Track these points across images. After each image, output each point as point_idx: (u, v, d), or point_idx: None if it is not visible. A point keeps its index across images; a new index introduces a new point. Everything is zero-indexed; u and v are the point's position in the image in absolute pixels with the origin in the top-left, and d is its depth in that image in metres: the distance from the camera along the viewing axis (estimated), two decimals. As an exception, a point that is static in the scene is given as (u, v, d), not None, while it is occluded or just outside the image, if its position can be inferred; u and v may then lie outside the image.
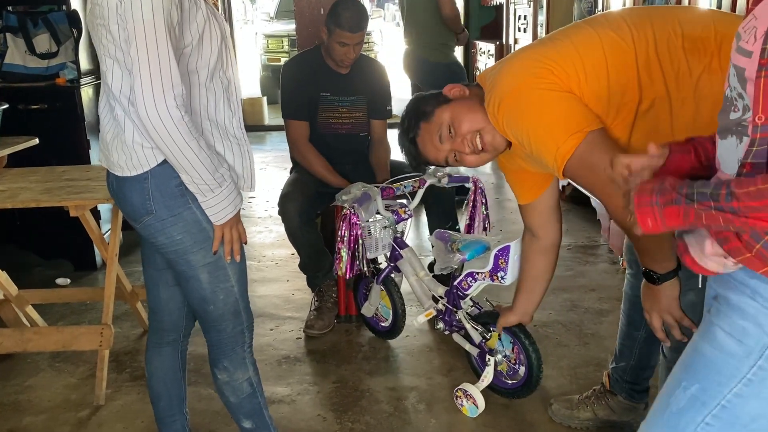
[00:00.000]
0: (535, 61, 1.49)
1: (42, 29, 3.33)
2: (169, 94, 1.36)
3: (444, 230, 2.33)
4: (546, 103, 1.44)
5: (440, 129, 1.63)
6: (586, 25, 1.57)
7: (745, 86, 0.98)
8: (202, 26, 1.45)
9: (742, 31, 1.02)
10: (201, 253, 1.56)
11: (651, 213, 1.00)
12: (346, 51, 2.70)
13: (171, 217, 1.51)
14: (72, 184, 2.37)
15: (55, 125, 3.27)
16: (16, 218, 3.38)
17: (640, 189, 1.03)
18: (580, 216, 4.06)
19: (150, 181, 1.50)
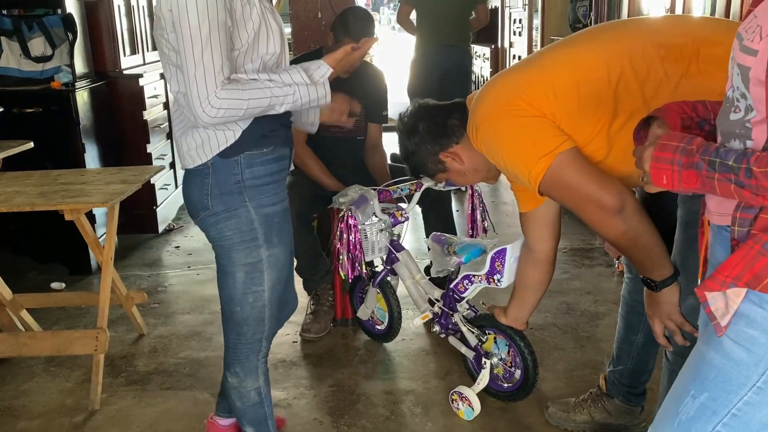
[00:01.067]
0: (508, 88, 1.61)
1: (37, 33, 3.33)
2: (212, 94, 1.41)
3: (440, 233, 2.33)
4: (517, 129, 1.54)
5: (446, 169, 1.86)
6: (561, 47, 1.66)
7: (748, 85, 0.98)
8: (258, 25, 1.48)
9: (743, 31, 1.02)
10: (245, 252, 1.59)
11: (669, 171, 1.00)
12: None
13: (225, 213, 1.56)
14: (67, 188, 2.37)
15: (50, 129, 3.26)
16: (11, 222, 3.36)
17: (664, 144, 1.02)
18: (576, 219, 4.04)
19: (211, 177, 1.55)
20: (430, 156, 1.83)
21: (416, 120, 1.84)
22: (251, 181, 1.55)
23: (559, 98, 1.50)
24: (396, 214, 2.38)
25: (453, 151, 1.81)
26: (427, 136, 1.82)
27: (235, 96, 1.43)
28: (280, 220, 1.62)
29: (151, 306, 3.06)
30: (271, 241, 1.60)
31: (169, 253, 3.77)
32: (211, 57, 1.39)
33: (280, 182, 1.62)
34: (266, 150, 1.56)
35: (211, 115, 1.42)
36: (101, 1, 3.64)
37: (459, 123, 1.79)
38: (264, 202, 1.58)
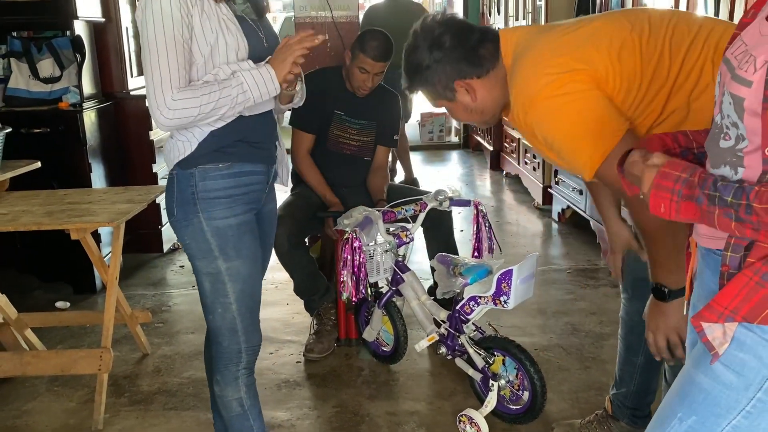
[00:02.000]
0: (562, 56, 1.44)
1: (46, 54, 3.36)
2: (168, 99, 1.50)
3: (446, 254, 2.33)
4: (576, 109, 1.41)
5: (461, 98, 1.60)
6: (610, 17, 1.55)
7: (742, 116, 0.97)
8: (214, 39, 1.55)
9: (732, 57, 1.01)
10: (204, 261, 1.66)
11: (668, 200, 0.99)
12: (365, 78, 2.75)
13: (184, 221, 1.65)
14: (73, 207, 2.38)
15: (57, 148, 3.28)
16: (17, 241, 3.38)
17: (666, 172, 1.01)
18: (580, 239, 4.06)
19: (175, 185, 1.64)
20: (444, 79, 1.57)
21: (444, 32, 1.56)
22: (204, 193, 1.62)
23: (621, 82, 1.43)
24: (401, 235, 2.38)
25: (470, 83, 1.57)
26: (452, 56, 1.55)
27: (187, 96, 1.52)
28: (236, 233, 1.65)
29: (155, 325, 3.06)
30: (227, 253, 1.64)
31: (173, 273, 3.78)
32: (167, 65, 1.50)
33: (237, 197, 1.65)
34: (221, 165, 1.62)
35: (168, 118, 1.52)
36: (109, 24, 3.68)
37: (489, 56, 1.56)
38: (216, 215, 1.63)
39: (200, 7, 1.53)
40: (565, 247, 4.03)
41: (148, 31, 1.51)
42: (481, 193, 5.54)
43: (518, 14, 5.19)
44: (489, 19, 6.47)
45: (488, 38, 1.58)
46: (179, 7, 1.49)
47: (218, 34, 1.54)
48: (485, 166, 6.28)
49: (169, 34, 1.49)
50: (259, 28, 1.67)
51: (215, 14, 1.55)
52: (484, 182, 5.87)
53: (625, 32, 1.46)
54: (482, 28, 1.62)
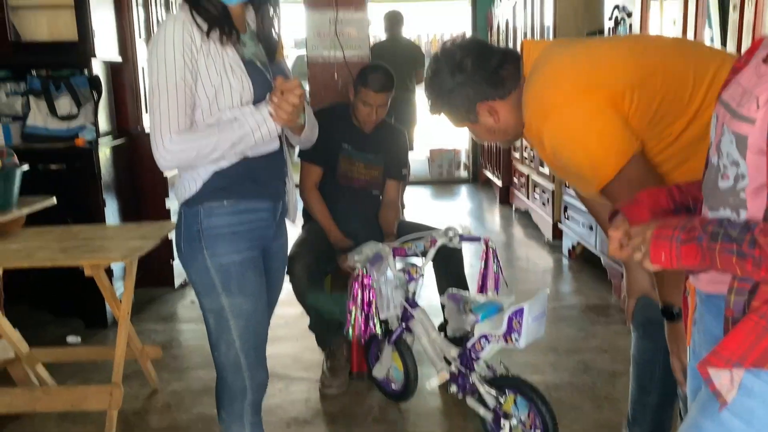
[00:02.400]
0: (582, 74, 1.45)
1: (64, 92, 3.44)
2: (167, 140, 1.54)
3: (456, 291, 2.33)
4: (593, 124, 1.42)
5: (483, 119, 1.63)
6: (642, 42, 1.57)
7: (745, 153, 0.98)
8: (219, 82, 1.58)
9: (729, 99, 1.02)
10: (208, 298, 1.68)
11: (668, 247, 0.98)
12: (369, 112, 2.81)
13: (190, 257, 1.68)
14: (87, 243, 2.41)
15: (72, 184, 3.33)
16: (30, 276, 3.40)
17: (664, 223, 1.01)
18: (591, 275, 4.05)
19: (182, 222, 1.68)
20: (467, 101, 1.59)
21: (465, 55, 1.58)
22: (208, 230, 1.65)
23: (637, 106, 1.43)
24: (411, 271, 2.39)
25: (493, 105, 1.58)
26: (473, 79, 1.57)
27: (186, 138, 1.55)
28: (239, 270, 1.66)
29: (166, 361, 3.06)
30: (230, 290, 1.66)
31: (184, 308, 3.79)
32: (167, 106, 1.54)
33: (241, 234, 1.67)
34: (226, 203, 1.65)
35: (166, 159, 1.56)
36: (126, 63, 3.77)
37: (510, 76, 1.57)
38: (219, 251, 1.65)
39: (206, 51, 1.56)
40: (576, 283, 4.01)
41: (152, 75, 1.56)
42: (491, 228, 5.54)
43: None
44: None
45: (509, 60, 1.59)
46: (183, 52, 1.53)
47: (222, 77, 1.57)
48: (494, 201, 6.30)
49: (171, 79, 1.53)
50: (268, 70, 1.69)
51: (221, 57, 1.58)
52: (494, 217, 5.89)
53: (648, 54, 1.47)
54: (503, 50, 1.63)
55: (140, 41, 3.84)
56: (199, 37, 1.56)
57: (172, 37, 1.54)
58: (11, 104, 3.49)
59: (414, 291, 2.44)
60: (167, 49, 1.53)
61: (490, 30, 6.89)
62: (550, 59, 1.52)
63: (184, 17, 1.57)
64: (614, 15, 3.70)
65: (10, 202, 2.56)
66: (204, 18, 1.58)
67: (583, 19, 4.37)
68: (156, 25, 4.05)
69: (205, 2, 1.59)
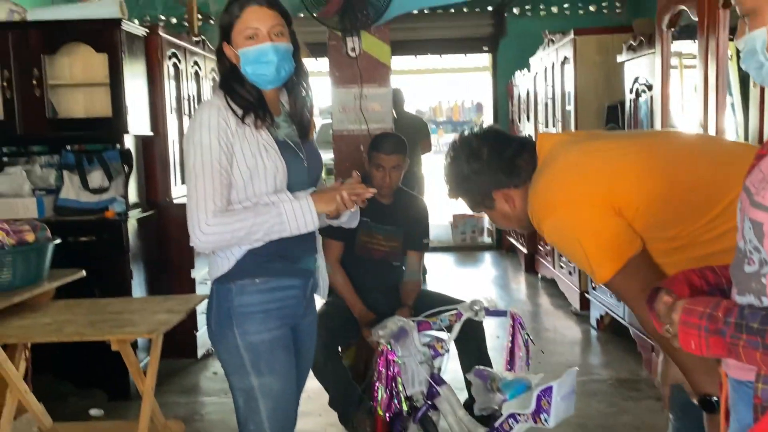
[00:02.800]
0: (590, 179, 1.48)
1: (96, 166, 3.54)
2: (203, 222, 1.57)
3: (482, 368, 2.29)
4: (592, 225, 1.45)
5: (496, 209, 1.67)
6: (648, 143, 1.58)
7: (762, 240, 0.99)
8: (254, 164, 1.62)
9: (750, 185, 1.05)
10: (237, 377, 1.67)
11: (696, 336, 1.00)
12: (383, 175, 2.85)
13: (220, 335, 1.68)
14: (115, 317, 2.43)
15: (101, 256, 3.38)
16: (56, 347, 3.41)
17: (689, 308, 1.02)
18: (621, 347, 3.95)
19: (214, 300, 1.69)
20: (483, 189, 1.64)
21: (482, 144, 1.64)
22: (240, 308, 1.65)
23: (643, 213, 1.45)
24: (436, 346, 2.35)
25: (509, 193, 1.63)
26: (489, 167, 1.62)
27: (222, 222, 1.57)
28: (268, 349, 1.66)
29: (187, 436, 3.02)
30: (259, 369, 1.65)
31: (207, 379, 3.76)
32: (204, 189, 1.58)
33: (272, 312, 1.67)
34: (258, 281, 1.66)
35: (201, 241, 1.59)
36: (157, 136, 3.88)
37: (526, 165, 1.62)
38: (250, 330, 1.65)
39: (241, 134, 1.62)
40: (605, 355, 3.92)
41: (189, 159, 1.61)
42: (517, 297, 5.48)
43: (548, 121, 5.33)
44: (519, 125, 6.64)
45: (526, 149, 1.65)
46: (218, 137, 1.59)
47: (257, 158, 1.62)
48: (520, 269, 6.25)
49: (207, 163, 1.58)
50: (300, 149, 1.74)
51: (255, 140, 1.63)
52: (519, 286, 5.82)
53: (662, 160, 1.49)
54: (520, 139, 1.69)
55: (171, 116, 3.97)
56: (234, 121, 1.62)
57: (208, 123, 1.60)
58: (45, 177, 3.61)
59: (439, 366, 2.40)
60: (203, 134, 1.59)
61: (511, 99, 7.00)
62: (559, 157, 1.55)
63: (219, 103, 1.63)
64: (635, 87, 3.76)
65: (42, 276, 2.60)
66: (238, 104, 1.64)
67: (604, 89, 4.43)
68: (186, 100, 4.19)
69: (239, 88, 1.65)
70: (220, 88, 1.69)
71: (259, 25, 1.66)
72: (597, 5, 6.65)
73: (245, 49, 1.66)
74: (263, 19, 1.66)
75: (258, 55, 1.65)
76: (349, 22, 3.34)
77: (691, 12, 2.79)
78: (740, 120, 3.11)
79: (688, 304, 1.03)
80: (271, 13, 1.67)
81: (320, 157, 1.84)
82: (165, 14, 6.38)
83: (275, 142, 1.67)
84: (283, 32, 1.69)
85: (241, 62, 1.67)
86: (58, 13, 3.52)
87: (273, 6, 1.69)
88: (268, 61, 1.65)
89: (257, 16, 1.66)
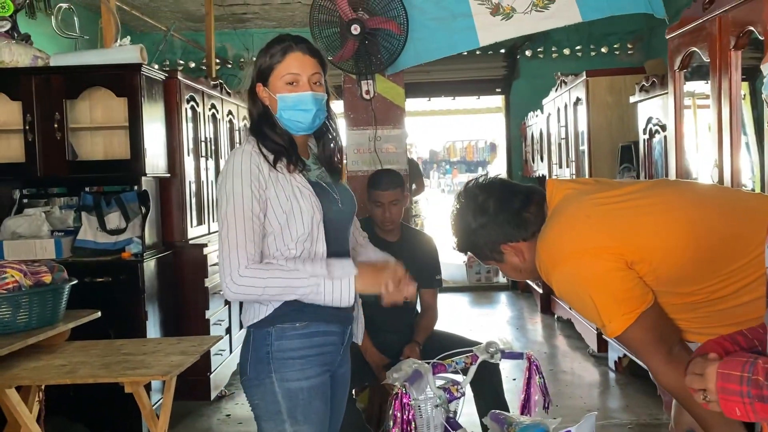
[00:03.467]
0: (602, 232, 1.44)
1: (114, 208, 3.58)
2: (235, 272, 1.54)
3: (499, 412, 2.25)
4: (603, 279, 1.42)
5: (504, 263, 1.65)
6: (662, 203, 1.53)
7: None
8: (289, 207, 1.60)
9: None
10: (271, 423, 1.62)
11: (741, 404, 0.98)
12: (383, 211, 2.86)
13: (256, 380, 1.63)
14: (129, 359, 2.42)
15: (117, 297, 3.39)
16: (70, 389, 3.41)
17: (725, 373, 1.00)
18: (640, 390, 3.87)
19: (251, 344, 1.64)
20: (491, 242, 1.61)
21: (487, 197, 1.60)
22: (279, 353, 1.61)
23: (657, 268, 1.42)
24: (452, 389, 2.32)
25: (517, 246, 1.60)
26: (496, 221, 1.58)
27: (255, 275, 1.55)
28: (306, 397, 1.61)
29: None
30: (295, 417, 1.60)
31: (219, 422, 3.72)
32: (236, 237, 1.55)
33: (311, 359, 1.63)
34: (298, 324, 1.62)
35: (232, 291, 1.56)
36: (174, 178, 3.93)
37: (533, 218, 1.59)
38: (289, 377, 1.60)
39: (275, 179, 1.60)
40: (624, 399, 3.83)
41: (222, 207, 1.59)
42: (533, 338, 5.41)
43: (561, 161, 5.33)
44: (533, 166, 6.65)
45: (533, 201, 1.61)
46: (250, 183, 1.57)
47: (293, 201, 1.60)
48: (536, 309, 6.18)
49: (239, 210, 1.56)
50: (333, 190, 1.72)
51: (289, 184, 1.62)
52: (536, 327, 5.75)
53: (688, 214, 1.46)
54: (526, 190, 1.65)
55: (188, 158, 4.03)
56: (267, 167, 1.61)
57: (240, 169, 1.58)
58: (64, 219, 3.65)
59: (455, 410, 2.36)
60: (235, 181, 1.58)
61: (524, 140, 7.04)
62: (570, 208, 1.52)
63: (251, 149, 1.63)
64: (648, 127, 3.77)
65: (58, 317, 2.61)
66: (270, 149, 1.63)
67: (618, 130, 4.44)
68: (203, 142, 4.25)
69: (271, 133, 1.65)
70: (251, 134, 1.68)
71: (301, 72, 1.65)
72: (609, 47, 6.72)
73: (285, 95, 1.65)
74: (305, 67, 1.66)
75: (297, 102, 1.65)
76: (364, 66, 3.39)
77: (703, 53, 2.81)
78: (756, 159, 3.10)
79: (723, 368, 1.01)
80: (313, 61, 1.67)
81: (353, 197, 1.82)
82: (184, 59, 6.53)
83: (308, 182, 1.66)
84: (320, 81, 1.69)
85: (278, 106, 1.66)
86: (80, 58, 3.61)
87: (315, 55, 1.68)
88: (306, 110, 1.65)
89: (300, 63, 1.65)
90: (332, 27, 3.36)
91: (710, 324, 1.48)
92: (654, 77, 3.64)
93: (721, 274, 1.43)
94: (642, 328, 1.41)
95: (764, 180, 2.96)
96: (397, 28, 3.29)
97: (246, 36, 6.54)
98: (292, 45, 1.66)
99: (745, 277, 1.40)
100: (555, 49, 6.85)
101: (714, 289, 1.45)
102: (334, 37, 3.37)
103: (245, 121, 5.16)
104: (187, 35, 6.23)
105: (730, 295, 1.43)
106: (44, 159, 3.47)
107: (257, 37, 6.44)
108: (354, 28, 3.24)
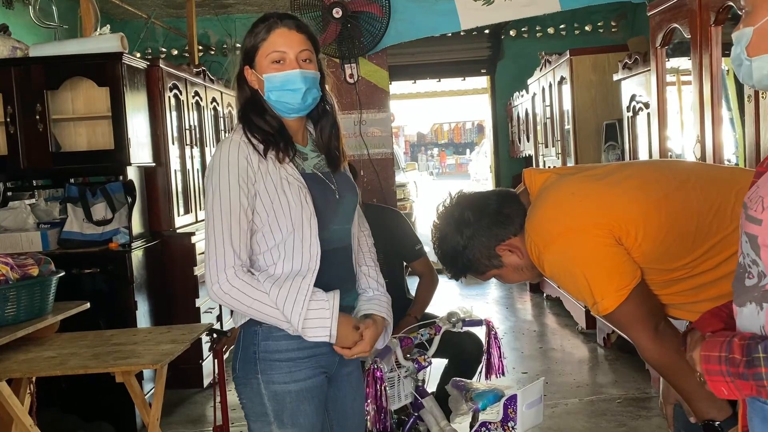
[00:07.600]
0: (589, 207, 1.45)
1: (99, 198, 3.56)
2: (221, 272, 1.48)
3: (459, 379, 2.31)
4: (595, 256, 1.43)
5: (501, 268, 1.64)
6: (646, 174, 1.55)
7: (759, 252, 1.02)
8: (275, 196, 1.52)
9: (748, 201, 1.08)
10: (257, 424, 1.58)
11: (725, 384, 1.03)
12: None
13: (243, 379, 1.59)
14: (119, 348, 2.43)
15: (105, 287, 3.39)
16: (62, 381, 3.41)
17: (707, 355, 1.05)
18: (628, 365, 3.92)
19: (241, 342, 1.60)
20: (485, 250, 1.58)
21: (462, 210, 1.59)
22: (265, 354, 1.55)
23: (642, 243, 1.43)
24: (419, 359, 2.37)
25: (511, 243, 1.57)
26: (481, 227, 1.57)
27: (245, 291, 1.48)
28: (294, 401, 1.55)
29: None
30: (282, 420, 1.55)
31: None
32: (222, 234, 1.48)
33: (300, 361, 1.55)
34: None
35: (218, 294, 1.49)
36: (159, 167, 3.91)
37: (514, 212, 1.58)
38: (275, 379, 1.54)
39: (264, 170, 1.52)
40: (613, 374, 3.89)
41: (208, 201, 1.51)
42: (523, 317, 5.46)
43: (547, 141, 5.35)
44: (519, 146, 6.67)
45: (506, 198, 1.62)
46: (238, 177, 1.49)
47: (279, 195, 1.51)
48: (525, 289, 6.23)
49: (226, 204, 1.49)
50: (332, 180, 1.62)
51: (278, 174, 1.53)
52: (525, 305, 5.80)
53: (658, 188, 1.47)
54: (496, 191, 1.70)
55: (173, 146, 4.01)
56: (257, 158, 1.52)
57: (227, 161, 1.50)
58: (50, 211, 3.63)
59: (423, 379, 2.41)
60: (222, 173, 1.50)
61: (510, 120, 7.05)
62: (553, 188, 1.53)
63: (239, 139, 1.53)
64: (632, 105, 3.78)
65: (46, 309, 2.60)
66: (260, 137, 1.54)
67: (602, 108, 4.46)
68: (188, 130, 4.23)
69: (258, 119, 1.55)
70: (239, 121, 1.59)
71: (287, 49, 1.55)
72: (593, 25, 6.72)
73: (271, 75, 1.55)
74: (292, 43, 1.55)
75: (284, 81, 1.54)
76: (347, 50, 3.38)
77: (684, 30, 2.82)
78: (739, 134, 3.12)
79: (704, 350, 1.05)
80: (300, 37, 1.57)
81: (355, 188, 1.71)
82: (166, 46, 6.46)
83: (301, 174, 1.56)
84: (311, 59, 1.58)
85: (264, 88, 1.56)
86: (59, 48, 3.56)
87: (302, 30, 1.58)
88: (294, 89, 1.54)
89: (286, 39, 1.55)
90: (314, 11, 3.34)
91: (691, 299, 1.50)
92: (636, 54, 3.65)
93: (702, 248, 1.45)
94: (633, 304, 1.42)
95: (746, 154, 2.98)
96: (380, 10, 3.28)
97: (228, 22, 6.47)
98: (277, 21, 1.56)
99: (724, 250, 1.42)
100: (539, 29, 6.84)
101: (696, 263, 1.47)
102: (316, 20, 3.34)
103: (230, 108, 5.13)
104: (168, 22, 6.16)
105: (711, 270, 1.46)
106: (27, 151, 3.44)
107: (240, 22, 6.38)
108: (336, 11, 3.23)
